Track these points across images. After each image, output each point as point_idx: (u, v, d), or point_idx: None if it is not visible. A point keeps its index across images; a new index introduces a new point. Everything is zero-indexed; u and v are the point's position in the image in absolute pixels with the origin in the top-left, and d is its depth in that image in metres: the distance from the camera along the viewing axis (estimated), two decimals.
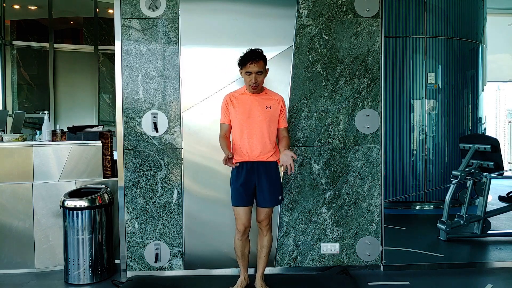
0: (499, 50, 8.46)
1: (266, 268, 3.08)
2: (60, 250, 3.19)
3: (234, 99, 2.69)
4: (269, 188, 2.67)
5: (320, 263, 3.20)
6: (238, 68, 2.68)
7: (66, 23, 6.98)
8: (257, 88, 2.64)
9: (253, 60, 2.58)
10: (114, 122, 4.83)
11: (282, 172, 2.97)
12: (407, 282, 2.98)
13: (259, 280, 2.79)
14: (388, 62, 5.41)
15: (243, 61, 2.60)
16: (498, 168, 4.07)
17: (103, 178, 3.32)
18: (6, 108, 6.13)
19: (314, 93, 3.15)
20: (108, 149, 3.34)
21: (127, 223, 3.10)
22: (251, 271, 2.99)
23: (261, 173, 2.65)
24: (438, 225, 4.07)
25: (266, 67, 2.67)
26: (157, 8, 3.06)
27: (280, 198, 2.75)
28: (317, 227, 3.19)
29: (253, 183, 2.66)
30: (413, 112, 5.50)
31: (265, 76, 2.69)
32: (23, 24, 6.62)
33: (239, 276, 2.87)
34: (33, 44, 6.57)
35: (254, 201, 2.73)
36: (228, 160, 2.53)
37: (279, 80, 3.11)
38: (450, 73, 5.59)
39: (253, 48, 2.64)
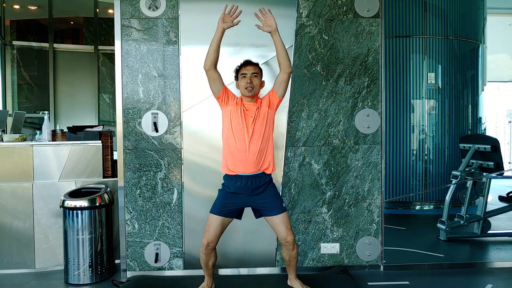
0: (499, 50, 8.46)
1: (267, 268, 3.10)
2: (60, 250, 3.19)
3: (239, 100, 2.57)
4: (274, 197, 2.55)
5: (320, 263, 3.20)
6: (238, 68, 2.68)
7: (66, 23, 6.98)
8: (253, 90, 2.52)
9: (248, 64, 2.58)
10: (114, 122, 4.83)
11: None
12: (407, 282, 2.98)
13: (295, 280, 2.70)
14: (388, 62, 5.40)
15: (239, 66, 2.60)
16: (498, 168, 4.07)
17: (103, 178, 3.32)
18: (6, 108, 6.13)
19: (314, 93, 3.15)
20: (108, 149, 3.34)
21: (127, 223, 3.10)
22: (244, 271, 2.98)
23: (258, 189, 2.52)
24: (438, 225, 4.08)
25: (262, 79, 2.61)
26: (157, 8, 3.06)
27: (284, 205, 2.61)
28: (317, 227, 3.19)
29: (245, 202, 2.54)
30: (413, 112, 5.50)
31: (261, 87, 2.60)
32: (23, 24, 6.62)
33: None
34: (33, 44, 6.57)
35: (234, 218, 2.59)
36: (228, 15, 2.46)
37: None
38: (450, 73, 5.59)
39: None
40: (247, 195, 2.51)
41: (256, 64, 2.62)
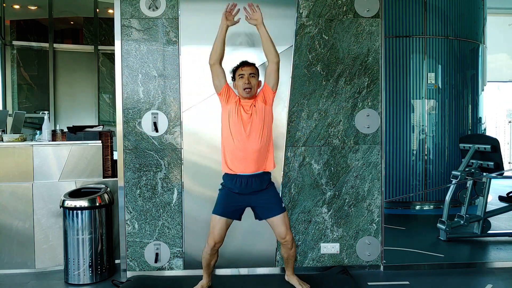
0: (499, 50, 8.46)
1: (266, 268, 3.10)
2: (60, 250, 3.19)
3: (238, 97, 2.56)
4: (273, 198, 2.55)
5: (320, 263, 3.20)
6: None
7: (66, 23, 6.98)
8: (251, 92, 2.52)
9: (245, 64, 2.58)
10: (114, 122, 4.83)
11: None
12: (407, 282, 2.98)
13: (292, 276, 2.73)
14: (388, 62, 5.40)
15: (236, 67, 2.60)
16: (498, 168, 4.07)
17: (103, 178, 3.32)
18: (6, 108, 6.13)
19: (314, 93, 3.15)
20: (108, 149, 3.34)
21: (127, 223, 3.10)
22: (244, 271, 2.99)
23: (258, 189, 2.52)
24: (438, 225, 4.07)
25: (259, 79, 2.60)
26: (157, 8, 3.06)
27: (283, 205, 2.61)
28: (317, 227, 3.19)
29: (246, 202, 2.54)
30: (413, 112, 5.50)
31: (259, 87, 2.59)
32: (23, 24, 6.62)
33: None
34: (33, 44, 6.57)
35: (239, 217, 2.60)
36: (228, 13, 2.53)
37: (279, 80, 3.10)
38: (450, 73, 5.59)
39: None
40: (248, 194, 2.51)
41: (253, 65, 2.62)
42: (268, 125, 2.55)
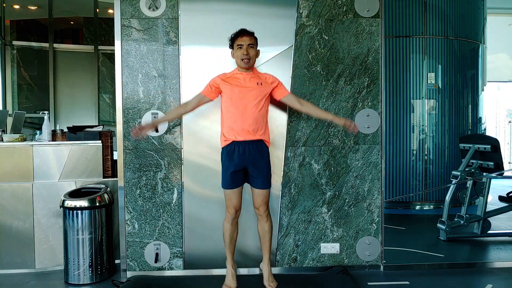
0: (499, 50, 8.46)
1: None
2: (60, 250, 3.19)
3: (226, 78, 2.69)
4: (264, 169, 2.68)
5: (320, 263, 3.20)
6: None
7: (66, 23, 6.98)
8: (249, 62, 2.63)
9: (244, 33, 2.65)
10: (114, 122, 4.83)
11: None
12: (407, 282, 2.98)
13: (266, 265, 2.79)
14: (388, 62, 5.40)
15: (235, 35, 2.66)
16: (498, 168, 4.07)
17: (103, 178, 3.32)
18: (6, 108, 6.13)
19: (314, 93, 3.15)
20: (108, 149, 3.34)
21: (127, 223, 3.10)
22: (244, 271, 2.99)
23: (254, 154, 2.63)
24: (438, 225, 4.07)
25: (258, 49, 2.71)
26: (157, 8, 3.06)
27: (270, 182, 2.75)
28: (317, 227, 3.19)
29: (245, 165, 2.65)
30: (413, 112, 5.50)
31: (257, 57, 2.71)
32: (23, 24, 6.62)
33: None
34: (33, 44, 6.57)
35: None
36: (138, 129, 2.67)
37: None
38: (450, 73, 5.59)
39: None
40: (245, 160, 2.63)
41: (252, 34, 2.68)
42: (266, 103, 2.69)
